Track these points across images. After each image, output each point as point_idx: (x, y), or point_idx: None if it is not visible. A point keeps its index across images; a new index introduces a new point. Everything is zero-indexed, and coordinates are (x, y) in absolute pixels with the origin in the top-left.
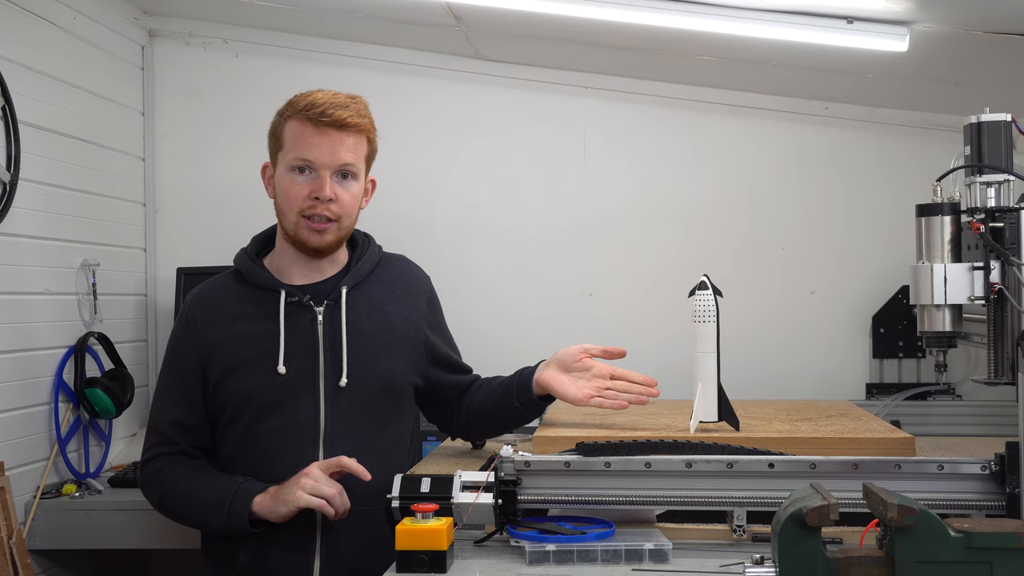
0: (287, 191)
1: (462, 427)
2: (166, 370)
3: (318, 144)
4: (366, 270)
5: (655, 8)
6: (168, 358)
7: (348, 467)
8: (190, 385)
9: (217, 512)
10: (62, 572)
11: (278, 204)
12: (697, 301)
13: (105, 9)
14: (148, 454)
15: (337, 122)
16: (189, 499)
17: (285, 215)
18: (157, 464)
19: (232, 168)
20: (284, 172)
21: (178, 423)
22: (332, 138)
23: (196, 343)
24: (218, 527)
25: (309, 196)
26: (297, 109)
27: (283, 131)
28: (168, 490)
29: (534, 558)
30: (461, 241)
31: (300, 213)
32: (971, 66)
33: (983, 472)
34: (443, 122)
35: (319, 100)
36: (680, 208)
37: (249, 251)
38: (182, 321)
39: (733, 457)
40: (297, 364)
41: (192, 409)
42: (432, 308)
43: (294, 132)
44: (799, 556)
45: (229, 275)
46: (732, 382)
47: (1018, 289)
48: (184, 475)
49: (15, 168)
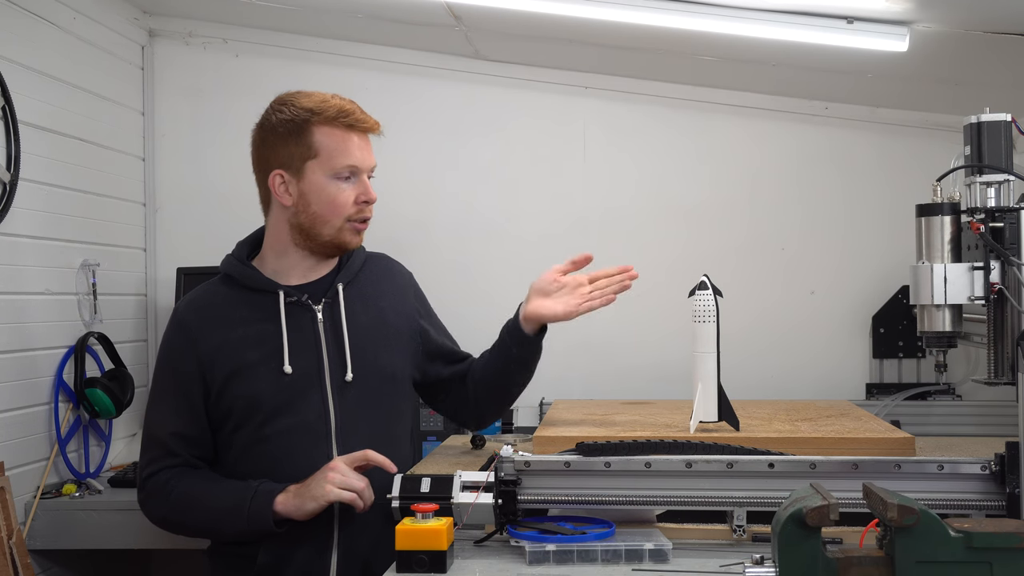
0: (334, 199)
1: (473, 410)
2: (161, 380)
3: (358, 148)
4: (356, 267)
5: (655, 8)
6: (163, 368)
7: (375, 460)
8: (191, 394)
9: (236, 518)
10: (62, 572)
11: (313, 211)
12: (697, 301)
13: (105, 9)
14: (149, 468)
15: (369, 128)
16: (201, 509)
17: (328, 221)
18: (162, 477)
19: (232, 168)
20: (327, 180)
21: (180, 434)
22: (365, 142)
23: (194, 351)
24: (236, 533)
25: (357, 201)
26: (328, 116)
27: (312, 138)
28: (176, 502)
29: (534, 558)
30: (461, 241)
31: (348, 219)
32: (971, 66)
33: (983, 472)
34: (443, 122)
35: (346, 107)
36: (680, 208)
37: (239, 255)
38: (175, 330)
39: (733, 457)
40: (302, 363)
41: (194, 419)
42: (420, 299)
43: (332, 139)
44: (799, 556)
45: (218, 281)
46: (732, 382)
47: (1018, 289)
48: (193, 485)
49: (15, 168)
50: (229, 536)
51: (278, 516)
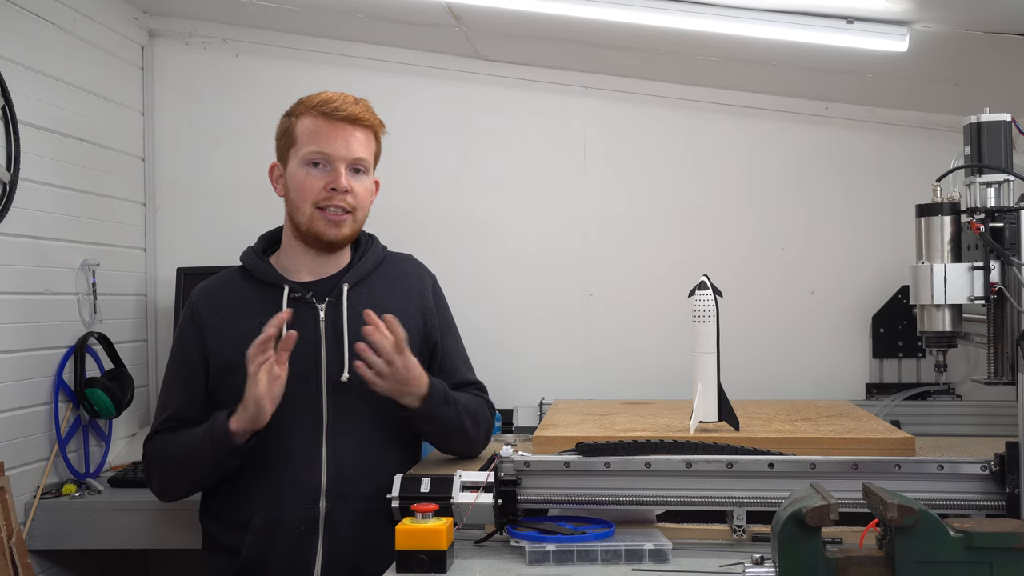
0: (302, 184)
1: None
2: (172, 363)
3: (334, 138)
4: (368, 268)
5: (655, 8)
6: (175, 349)
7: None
8: (195, 377)
9: (203, 448)
10: (62, 572)
11: (291, 199)
12: (697, 301)
13: (105, 9)
14: (150, 441)
15: (350, 117)
16: (180, 450)
17: (299, 208)
18: (157, 440)
19: (232, 168)
20: (298, 166)
21: (179, 416)
22: (346, 132)
23: (200, 336)
24: (211, 463)
25: (325, 188)
26: (310, 106)
27: (295, 128)
28: (160, 454)
29: (534, 558)
30: (461, 241)
31: (315, 205)
32: (971, 66)
33: (983, 472)
34: (443, 122)
35: (332, 97)
36: (680, 208)
37: (256, 248)
38: (188, 313)
39: (733, 457)
40: (300, 359)
41: (195, 401)
42: (439, 305)
43: (308, 128)
44: (799, 556)
45: (236, 271)
46: (732, 382)
47: (1018, 289)
48: (175, 436)
49: (15, 168)
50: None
51: (236, 431)
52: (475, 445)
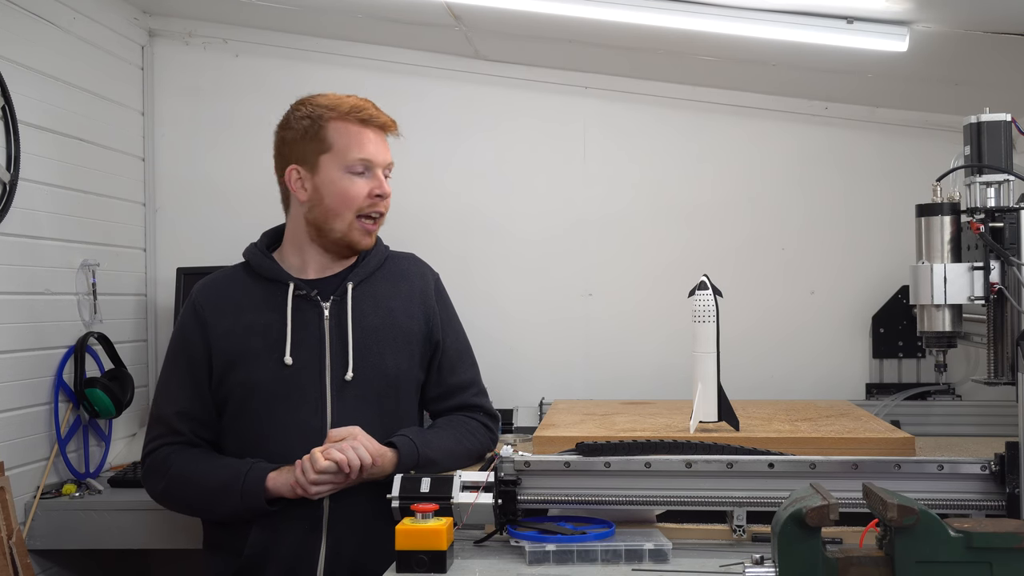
0: (346, 191)
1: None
2: (172, 359)
3: (374, 144)
4: (372, 267)
5: (655, 8)
6: (174, 347)
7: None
8: (198, 374)
9: (229, 495)
10: (62, 572)
11: (326, 205)
12: (697, 301)
13: (105, 9)
14: (151, 445)
15: (383, 124)
16: (197, 484)
17: (339, 215)
18: (161, 453)
19: (232, 168)
20: (340, 174)
21: (186, 412)
22: (380, 138)
23: (203, 333)
24: (229, 511)
25: (369, 195)
26: (342, 112)
27: (326, 133)
28: (174, 477)
29: (534, 558)
30: (461, 241)
31: (358, 212)
32: (971, 66)
33: (983, 472)
34: (443, 122)
35: (363, 104)
36: (680, 208)
37: (259, 245)
38: (189, 310)
39: (733, 457)
40: (304, 357)
41: (200, 398)
42: (442, 304)
43: (346, 134)
44: (799, 556)
45: (239, 267)
46: (732, 382)
47: (1018, 289)
48: (190, 460)
49: (15, 168)
50: (222, 515)
51: (270, 495)
52: (473, 462)
